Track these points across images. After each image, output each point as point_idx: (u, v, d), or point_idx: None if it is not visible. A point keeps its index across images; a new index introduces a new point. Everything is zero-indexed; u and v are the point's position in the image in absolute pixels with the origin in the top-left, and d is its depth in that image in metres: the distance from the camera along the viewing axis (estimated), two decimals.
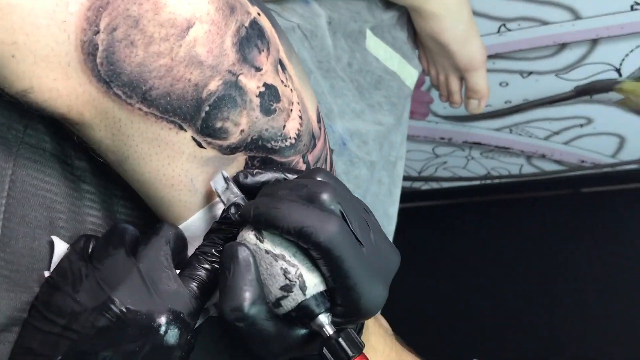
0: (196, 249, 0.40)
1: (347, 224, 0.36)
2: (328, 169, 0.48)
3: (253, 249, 0.37)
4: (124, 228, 0.41)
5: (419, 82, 1.30)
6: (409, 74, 0.94)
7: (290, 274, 0.36)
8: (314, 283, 0.36)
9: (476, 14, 1.05)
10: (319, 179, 0.38)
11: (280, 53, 0.41)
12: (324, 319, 0.37)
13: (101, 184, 0.44)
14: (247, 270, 0.36)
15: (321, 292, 0.37)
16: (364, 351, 0.37)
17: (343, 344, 0.36)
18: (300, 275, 0.36)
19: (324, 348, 0.37)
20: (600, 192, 1.45)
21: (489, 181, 1.55)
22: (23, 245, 0.40)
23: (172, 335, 0.37)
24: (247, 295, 0.36)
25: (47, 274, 0.41)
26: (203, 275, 0.39)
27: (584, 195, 1.46)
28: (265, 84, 0.39)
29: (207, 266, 0.39)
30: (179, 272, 0.40)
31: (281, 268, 0.36)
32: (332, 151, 0.49)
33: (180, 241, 0.41)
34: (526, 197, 1.54)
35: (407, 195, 1.48)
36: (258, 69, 0.38)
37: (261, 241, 0.37)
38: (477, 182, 1.56)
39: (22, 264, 0.39)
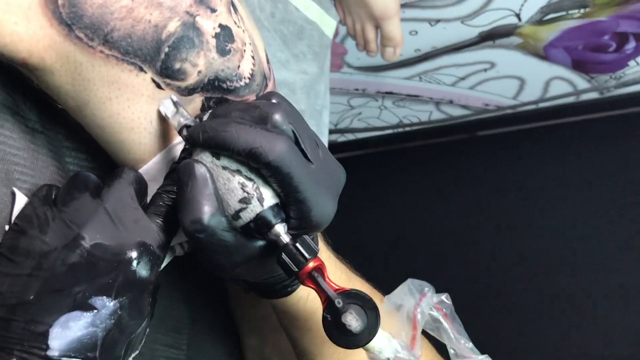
0: (158, 188, 0.41)
1: (295, 143, 0.38)
2: None
3: (209, 166, 0.38)
4: (87, 175, 0.41)
5: (334, 34, 1.32)
6: (328, 23, 0.96)
7: (247, 187, 0.38)
8: (270, 195, 0.38)
9: None
10: (273, 100, 0.40)
11: None
12: (280, 228, 0.39)
13: (51, 135, 0.44)
14: (204, 184, 0.38)
15: (276, 204, 0.39)
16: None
17: (300, 248, 0.38)
18: (258, 188, 0.38)
19: (282, 254, 0.39)
20: (503, 133, 1.55)
21: (401, 129, 1.61)
22: None
23: (144, 267, 0.38)
24: (206, 208, 0.37)
25: (7, 227, 0.40)
26: (167, 211, 0.41)
27: (490, 137, 1.55)
28: (220, 25, 0.40)
29: (170, 203, 0.41)
30: (144, 211, 0.41)
31: (239, 182, 0.38)
32: None
33: (142, 184, 0.42)
34: (436, 142, 1.61)
35: None
36: (213, 10, 0.39)
37: (218, 158, 0.38)
38: (390, 131, 1.62)
39: None
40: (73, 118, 0.42)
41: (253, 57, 0.43)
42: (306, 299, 0.48)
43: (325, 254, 0.52)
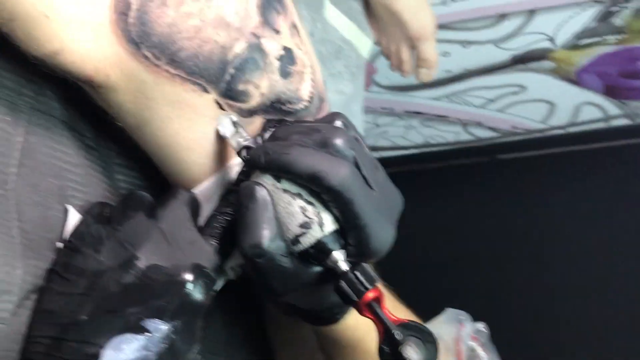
0: (213, 209, 0.41)
1: (357, 169, 0.37)
2: None
3: (270, 188, 0.37)
4: (142, 194, 0.40)
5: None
6: (364, 43, 0.95)
7: (308, 212, 0.37)
8: (331, 220, 0.38)
9: None
10: (337, 122, 0.39)
11: (295, 17, 0.42)
12: (339, 255, 0.38)
13: (103, 152, 0.44)
14: (264, 208, 0.37)
15: (336, 230, 0.38)
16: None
17: (360, 277, 0.38)
18: (319, 213, 0.37)
19: (341, 282, 0.38)
20: (530, 157, 1.53)
21: (426, 149, 1.60)
22: (37, 215, 0.39)
23: (198, 290, 0.37)
24: (266, 232, 0.37)
25: (59, 244, 0.40)
26: (222, 234, 0.40)
27: (517, 160, 1.54)
28: (284, 47, 0.39)
29: (225, 225, 0.40)
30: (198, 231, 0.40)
31: (299, 206, 0.37)
32: None
33: (196, 205, 0.41)
34: (462, 163, 1.60)
35: None
36: (277, 32, 0.39)
37: (278, 181, 0.37)
38: (415, 151, 1.61)
39: (37, 233, 0.39)
40: (127, 135, 0.41)
41: (312, 80, 0.43)
42: (354, 328, 0.47)
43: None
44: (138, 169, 0.46)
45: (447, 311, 0.50)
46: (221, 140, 0.40)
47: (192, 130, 0.39)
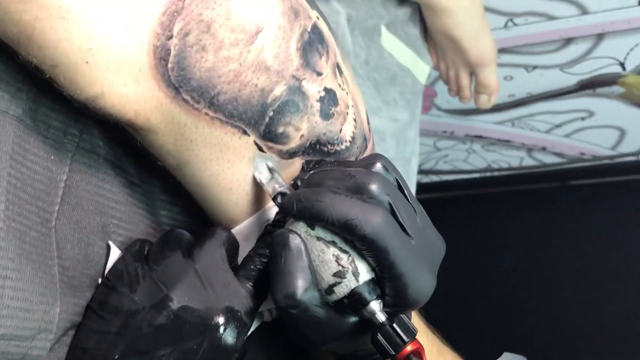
0: (250, 250, 0.40)
1: (392, 215, 0.36)
2: None
3: (304, 236, 0.37)
4: (180, 233, 0.41)
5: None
6: (421, 69, 0.94)
7: (342, 261, 0.36)
8: (366, 269, 0.36)
9: (484, 8, 1.05)
10: (378, 164, 0.38)
11: (338, 56, 0.41)
12: (375, 305, 0.37)
13: (147, 188, 0.44)
14: (298, 256, 0.36)
15: (372, 279, 0.37)
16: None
17: (397, 329, 0.36)
18: (353, 262, 0.36)
19: (378, 335, 0.37)
20: (599, 184, 1.47)
21: (488, 174, 1.56)
22: (78, 252, 0.39)
23: (230, 334, 0.37)
24: (300, 282, 0.36)
25: (100, 280, 0.40)
26: (258, 276, 0.39)
27: (584, 187, 1.48)
28: (325, 89, 0.39)
29: (261, 267, 0.39)
30: (234, 274, 0.40)
31: (333, 255, 0.36)
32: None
33: (233, 244, 0.41)
34: (526, 189, 1.55)
35: None
36: (319, 74, 0.38)
37: (312, 228, 0.37)
38: (477, 175, 1.57)
39: (77, 270, 0.39)
40: (169, 172, 0.41)
41: (355, 120, 0.42)
42: None
43: (417, 325, 0.50)
44: (180, 204, 0.46)
45: (504, 356, 0.48)
46: None
47: (232, 171, 0.39)
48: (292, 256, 0.36)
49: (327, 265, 0.36)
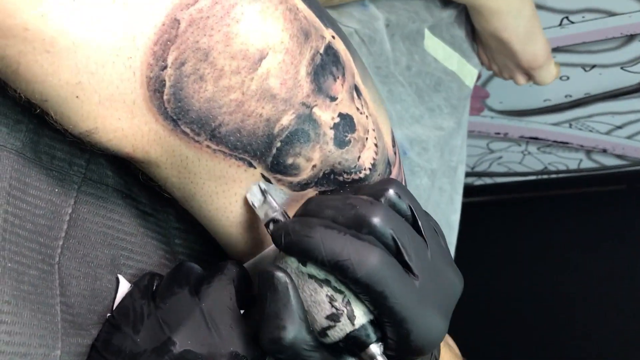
0: (259, 271, 0.38)
1: (397, 252, 0.33)
2: None
3: (294, 273, 0.34)
4: (190, 267, 0.38)
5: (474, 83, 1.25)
6: (468, 73, 0.89)
7: (337, 302, 0.33)
8: (363, 311, 0.33)
9: (537, 6, 0.99)
10: (390, 191, 0.34)
11: (356, 77, 0.38)
12: (375, 349, 0.33)
13: (161, 217, 0.42)
14: (285, 297, 0.33)
15: (371, 320, 0.34)
16: None
17: None
18: (349, 303, 0.33)
19: None
20: None
21: (545, 176, 1.49)
22: (85, 287, 0.38)
23: None
24: (287, 326, 0.33)
25: (108, 316, 0.39)
26: None
27: None
28: (340, 114, 0.36)
29: None
30: (244, 312, 0.37)
31: (327, 295, 0.33)
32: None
33: (244, 281, 0.38)
34: (585, 192, 1.48)
35: None
36: (333, 99, 0.35)
37: (304, 265, 0.33)
38: (533, 177, 1.51)
39: (83, 306, 0.38)
40: None
41: (376, 145, 0.39)
42: None
43: (441, 354, 0.46)
44: (196, 232, 0.44)
45: None
46: None
47: (239, 205, 0.36)
48: (278, 297, 0.33)
49: (319, 306, 0.33)
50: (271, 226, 0.35)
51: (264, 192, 0.36)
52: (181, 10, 0.30)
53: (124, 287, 0.39)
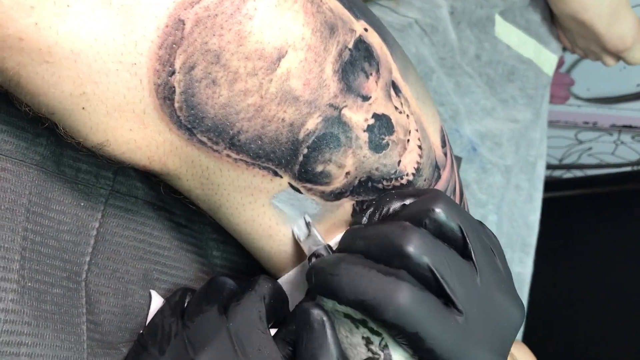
0: (296, 306, 0.35)
1: (422, 289, 0.29)
2: (457, 200, 0.40)
3: (331, 311, 0.31)
4: (222, 282, 0.36)
5: (558, 64, 1.17)
6: (546, 59, 0.83)
7: (373, 345, 0.30)
8: (402, 356, 0.30)
9: None
10: (436, 211, 0.31)
11: (394, 73, 0.34)
12: None
13: (196, 229, 0.40)
14: (322, 338, 0.31)
15: None
16: None
17: None
18: (386, 347, 0.30)
19: None
20: None
21: None
22: (115, 304, 0.36)
23: None
24: None
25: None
26: None
27: None
28: (374, 115, 0.32)
29: None
30: (276, 332, 0.34)
31: (363, 337, 0.30)
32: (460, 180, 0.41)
33: (278, 296, 0.35)
34: None
35: (547, 185, 1.35)
36: (366, 98, 0.32)
37: (340, 303, 0.30)
38: (628, 169, 1.40)
39: (113, 324, 0.36)
40: None
41: (420, 147, 0.35)
42: None
43: None
44: (235, 243, 0.41)
45: None
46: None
47: (268, 216, 0.33)
48: (314, 337, 0.30)
49: (355, 349, 0.30)
50: (312, 261, 0.33)
51: (308, 225, 0.33)
52: (185, 10, 0.27)
53: (157, 302, 0.37)
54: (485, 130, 0.72)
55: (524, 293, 0.73)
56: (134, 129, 0.30)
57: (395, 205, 0.33)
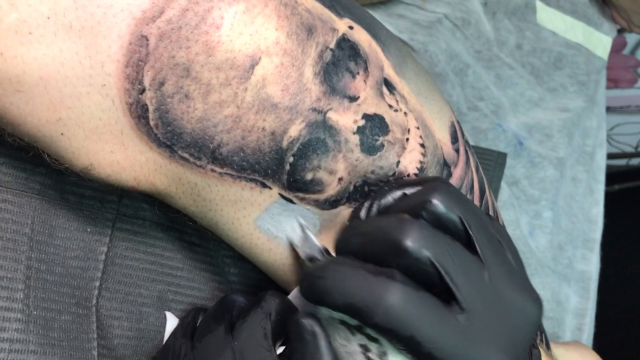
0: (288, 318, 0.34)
1: (417, 288, 0.27)
2: (476, 200, 0.38)
3: (326, 320, 0.29)
4: (232, 300, 0.35)
5: (620, 45, 1.10)
6: (599, 42, 0.78)
7: (371, 353, 0.28)
8: None
9: None
10: (434, 202, 0.29)
11: (386, 70, 0.32)
12: None
13: (211, 247, 0.40)
14: (313, 348, 0.29)
15: None
16: None
17: None
18: (384, 354, 0.28)
19: None
20: None
21: None
22: (128, 327, 0.36)
23: None
24: None
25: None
26: None
27: None
28: (365, 116, 0.31)
29: None
30: (283, 350, 0.33)
31: (360, 344, 0.28)
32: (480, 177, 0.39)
33: (286, 312, 0.34)
34: None
35: (621, 175, 1.27)
36: (353, 99, 0.30)
37: (329, 307, 0.29)
38: None
39: (128, 347, 0.36)
40: None
41: (423, 145, 0.33)
42: None
43: None
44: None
45: None
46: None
47: (265, 229, 0.32)
48: (306, 350, 0.29)
49: (352, 357, 0.28)
50: (306, 265, 0.31)
51: (303, 229, 0.32)
52: (147, 25, 0.27)
53: (172, 323, 0.37)
54: (533, 122, 0.68)
55: (590, 292, 0.68)
56: (115, 151, 0.29)
57: (395, 195, 0.31)
